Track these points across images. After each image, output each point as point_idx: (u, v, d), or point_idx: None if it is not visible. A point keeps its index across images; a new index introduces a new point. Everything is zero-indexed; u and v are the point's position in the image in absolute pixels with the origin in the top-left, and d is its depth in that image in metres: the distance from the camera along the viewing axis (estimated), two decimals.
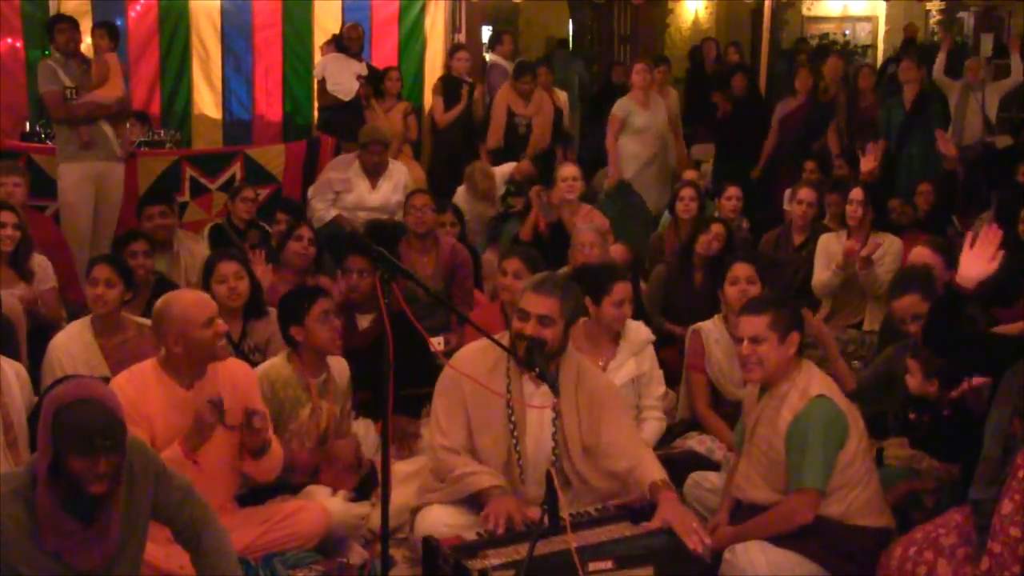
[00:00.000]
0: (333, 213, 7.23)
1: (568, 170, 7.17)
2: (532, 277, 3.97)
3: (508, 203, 7.61)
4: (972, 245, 3.49)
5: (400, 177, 7.36)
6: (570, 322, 3.79)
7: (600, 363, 4.50)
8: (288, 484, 4.11)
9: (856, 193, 6.18)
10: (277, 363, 4.31)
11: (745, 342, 3.72)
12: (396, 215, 7.10)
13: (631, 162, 8.40)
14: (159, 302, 3.80)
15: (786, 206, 7.73)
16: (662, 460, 3.88)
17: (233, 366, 3.91)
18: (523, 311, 3.72)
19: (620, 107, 8.53)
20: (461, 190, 7.70)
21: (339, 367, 4.46)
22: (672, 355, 5.41)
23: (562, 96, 9.79)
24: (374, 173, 7.26)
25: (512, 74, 8.86)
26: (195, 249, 6.17)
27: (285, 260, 5.64)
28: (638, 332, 4.74)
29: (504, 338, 3.81)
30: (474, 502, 3.68)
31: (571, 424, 3.79)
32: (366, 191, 7.25)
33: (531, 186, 7.41)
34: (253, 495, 4.05)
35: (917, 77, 8.75)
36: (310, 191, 7.43)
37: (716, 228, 5.96)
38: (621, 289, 4.62)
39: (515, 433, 3.76)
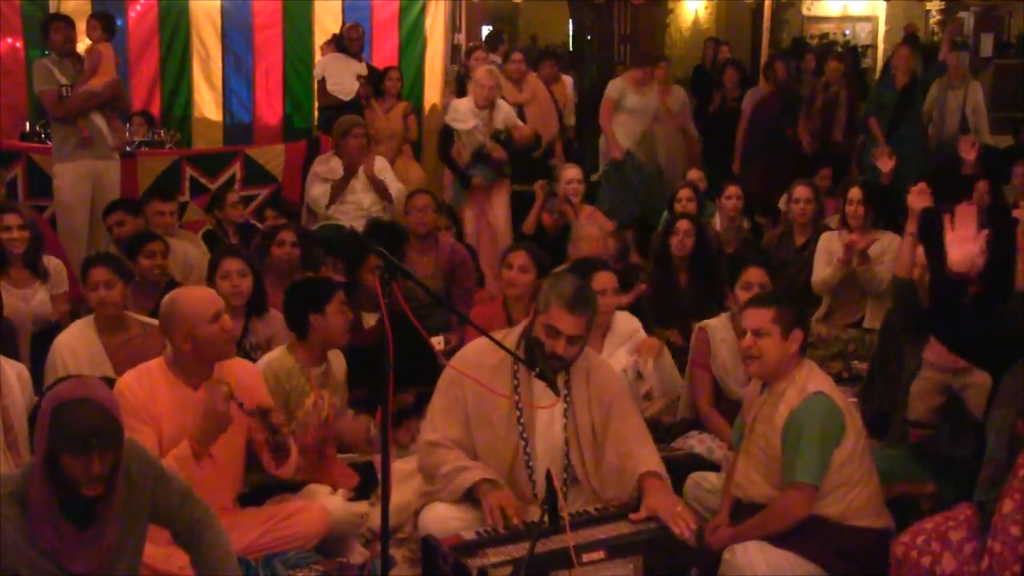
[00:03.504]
0: (328, 187, 7.18)
1: (571, 172, 7.18)
2: (560, 289, 3.69)
3: (488, 147, 7.50)
4: (952, 228, 3.54)
5: (380, 165, 7.34)
6: (588, 335, 3.79)
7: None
8: (290, 484, 4.11)
9: (854, 192, 6.19)
10: (278, 355, 4.34)
11: (748, 334, 3.73)
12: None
13: (622, 140, 8.58)
14: (165, 300, 3.80)
15: (782, 205, 7.77)
16: (662, 460, 3.87)
17: (238, 366, 3.91)
18: (554, 329, 3.63)
19: (613, 88, 8.77)
20: (465, 99, 7.61)
21: (337, 360, 4.50)
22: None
23: (568, 83, 9.76)
24: (354, 161, 7.21)
25: (503, 58, 8.83)
26: (187, 251, 6.14)
27: (270, 264, 5.61)
28: (627, 323, 4.74)
29: (509, 336, 3.80)
30: (474, 498, 3.67)
31: (583, 419, 3.77)
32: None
33: (521, 149, 7.46)
34: (254, 495, 4.05)
35: (909, 66, 8.86)
36: (306, 191, 7.41)
37: (682, 226, 5.95)
38: (603, 278, 4.63)
39: (524, 433, 3.74)
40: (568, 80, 9.72)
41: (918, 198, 4.15)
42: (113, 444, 2.79)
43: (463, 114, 7.48)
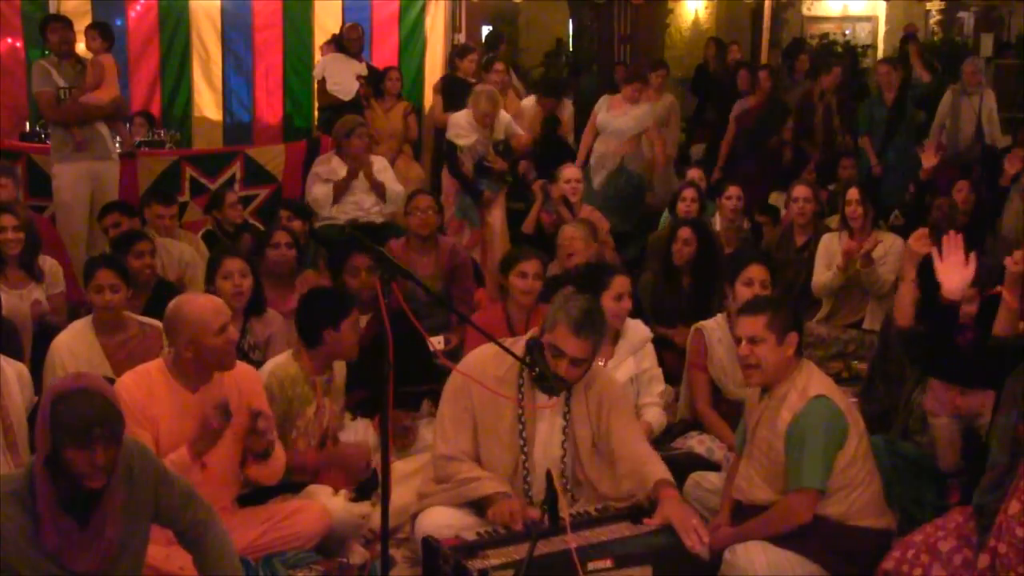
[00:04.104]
0: (330, 187, 7.19)
1: (570, 171, 7.18)
2: (568, 310, 3.64)
3: (488, 159, 7.53)
4: (941, 258, 3.60)
5: (379, 164, 7.34)
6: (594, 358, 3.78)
7: (599, 362, 4.49)
8: (290, 484, 4.10)
9: (852, 193, 6.21)
10: (283, 361, 4.30)
11: (743, 343, 3.72)
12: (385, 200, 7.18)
13: (594, 155, 8.47)
14: (172, 304, 3.78)
15: (773, 201, 7.82)
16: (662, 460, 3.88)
17: (238, 370, 3.88)
18: (559, 350, 3.63)
19: (600, 102, 8.66)
20: (463, 113, 7.61)
21: (338, 366, 4.48)
22: (668, 355, 5.41)
23: (568, 105, 9.77)
24: (356, 161, 7.21)
25: (482, 66, 8.77)
26: (182, 251, 6.14)
27: (266, 268, 5.59)
28: (636, 331, 4.74)
29: (514, 347, 3.78)
30: (476, 505, 3.68)
31: (582, 428, 3.78)
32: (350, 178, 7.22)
33: (519, 158, 7.51)
34: (255, 495, 4.04)
35: (892, 82, 8.84)
36: (306, 191, 7.42)
37: (683, 233, 5.92)
38: (620, 283, 4.62)
39: (524, 443, 3.74)
40: (568, 103, 9.76)
41: (918, 243, 4.10)
42: (115, 434, 2.80)
43: (464, 129, 7.51)
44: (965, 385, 3.94)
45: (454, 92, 8.63)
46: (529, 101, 9.14)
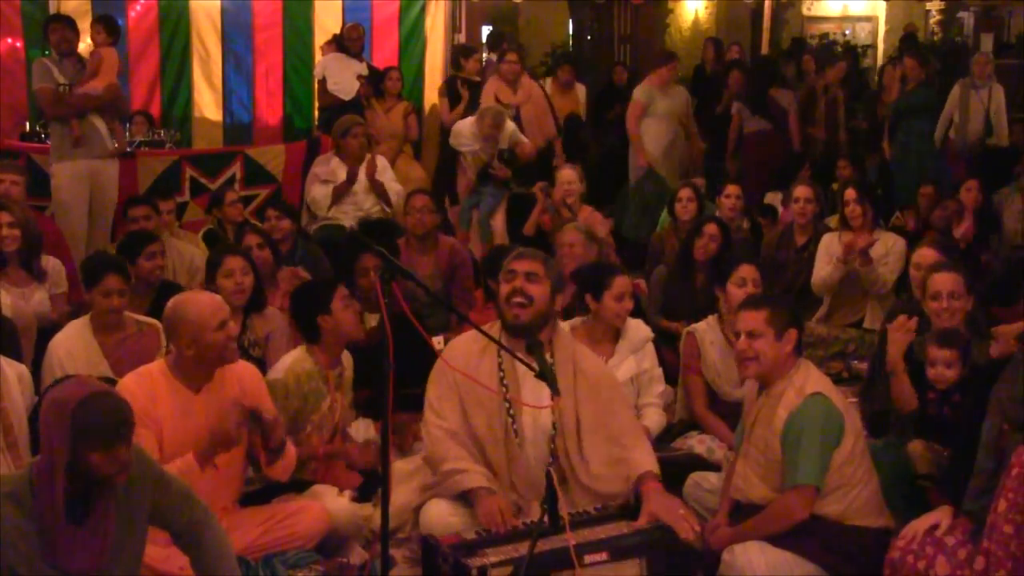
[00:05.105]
0: (329, 188, 7.21)
1: (568, 173, 7.21)
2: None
3: (492, 167, 7.57)
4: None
5: (381, 165, 7.35)
6: (555, 288, 3.85)
7: (601, 358, 4.51)
8: (295, 483, 4.10)
9: (850, 193, 6.22)
10: (299, 356, 4.33)
11: (742, 336, 3.73)
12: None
13: (652, 145, 8.58)
14: (171, 303, 3.77)
15: (770, 200, 7.83)
16: (662, 460, 3.89)
17: (240, 368, 3.88)
18: (510, 271, 3.83)
19: (642, 92, 8.71)
20: (467, 122, 7.67)
21: (347, 361, 4.52)
22: (670, 354, 5.42)
23: (581, 90, 9.78)
24: (354, 161, 7.23)
25: (497, 58, 8.79)
26: (192, 253, 6.15)
27: None
28: (637, 330, 4.75)
29: (492, 329, 3.83)
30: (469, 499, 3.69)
31: (568, 406, 3.79)
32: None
33: (522, 165, 7.56)
34: (259, 494, 4.05)
35: (921, 75, 8.83)
36: (306, 191, 7.43)
37: (710, 229, 5.96)
38: (621, 283, 4.64)
39: (511, 412, 3.79)
40: (582, 88, 9.77)
41: (900, 331, 4.13)
42: (132, 429, 2.84)
43: (467, 138, 7.55)
44: (951, 448, 4.00)
45: (460, 93, 8.68)
46: (548, 88, 9.17)
